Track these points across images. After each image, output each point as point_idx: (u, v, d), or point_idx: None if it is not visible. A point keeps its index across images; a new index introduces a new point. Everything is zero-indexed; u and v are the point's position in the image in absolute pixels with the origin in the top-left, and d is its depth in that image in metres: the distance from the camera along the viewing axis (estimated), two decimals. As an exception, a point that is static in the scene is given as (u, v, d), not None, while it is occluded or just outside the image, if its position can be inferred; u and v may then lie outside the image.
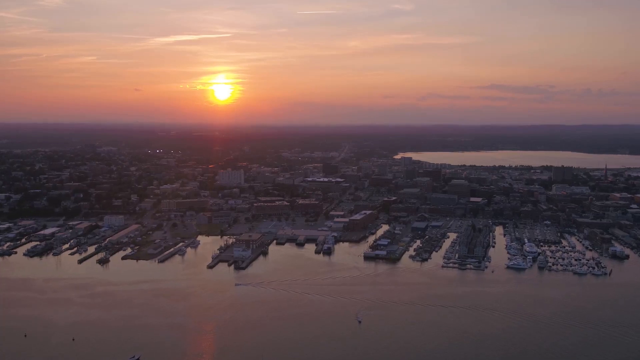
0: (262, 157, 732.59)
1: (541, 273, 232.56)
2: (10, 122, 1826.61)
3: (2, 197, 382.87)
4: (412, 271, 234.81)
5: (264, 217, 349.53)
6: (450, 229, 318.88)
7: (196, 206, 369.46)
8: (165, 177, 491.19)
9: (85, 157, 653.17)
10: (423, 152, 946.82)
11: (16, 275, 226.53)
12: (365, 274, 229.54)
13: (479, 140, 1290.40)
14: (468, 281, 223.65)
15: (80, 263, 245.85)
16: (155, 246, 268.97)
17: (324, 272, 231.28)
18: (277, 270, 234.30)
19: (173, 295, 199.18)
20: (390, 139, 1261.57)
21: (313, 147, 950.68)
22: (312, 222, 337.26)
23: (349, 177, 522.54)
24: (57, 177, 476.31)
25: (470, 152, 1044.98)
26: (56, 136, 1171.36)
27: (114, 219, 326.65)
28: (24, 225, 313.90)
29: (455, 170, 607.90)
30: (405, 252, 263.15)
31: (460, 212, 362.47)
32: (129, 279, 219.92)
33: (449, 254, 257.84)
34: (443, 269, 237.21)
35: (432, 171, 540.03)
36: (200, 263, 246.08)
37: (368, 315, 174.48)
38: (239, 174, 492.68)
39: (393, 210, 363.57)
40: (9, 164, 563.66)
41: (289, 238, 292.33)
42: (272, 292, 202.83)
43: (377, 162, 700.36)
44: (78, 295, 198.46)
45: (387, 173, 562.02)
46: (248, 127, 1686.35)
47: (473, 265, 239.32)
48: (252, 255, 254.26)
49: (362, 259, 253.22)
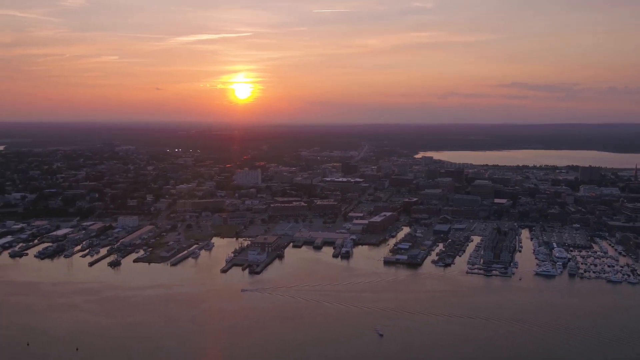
0: (281, 157, 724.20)
1: (572, 281, 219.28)
2: (32, 122, 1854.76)
3: (17, 197, 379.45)
4: (434, 277, 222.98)
5: (280, 218, 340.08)
6: (474, 231, 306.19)
7: (212, 206, 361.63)
8: (181, 177, 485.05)
9: (103, 156, 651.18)
10: (444, 152, 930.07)
11: (24, 278, 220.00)
12: (385, 280, 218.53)
13: (500, 139, 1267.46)
14: (494, 289, 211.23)
15: (90, 266, 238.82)
16: (169, 248, 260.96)
17: (342, 277, 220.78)
18: (292, 275, 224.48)
19: (183, 302, 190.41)
20: (410, 137, 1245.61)
21: (332, 146, 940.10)
22: (330, 224, 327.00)
23: (369, 177, 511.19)
24: (73, 176, 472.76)
25: (492, 151, 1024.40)
26: (77, 135, 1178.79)
27: (128, 219, 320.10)
28: (38, 225, 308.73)
29: (478, 170, 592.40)
30: (427, 257, 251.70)
31: (484, 214, 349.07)
32: (139, 284, 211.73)
33: (474, 258, 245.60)
34: (467, 275, 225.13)
35: (454, 171, 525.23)
36: (213, 267, 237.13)
37: (388, 327, 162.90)
38: (256, 174, 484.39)
39: (414, 212, 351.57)
40: (28, 162, 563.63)
41: (306, 240, 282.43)
42: (282, 299, 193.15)
43: (397, 161, 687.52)
44: (85, 301, 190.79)
45: (407, 173, 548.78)
46: (267, 126, 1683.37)
47: (499, 271, 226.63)
48: (267, 259, 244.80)
49: (381, 264, 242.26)
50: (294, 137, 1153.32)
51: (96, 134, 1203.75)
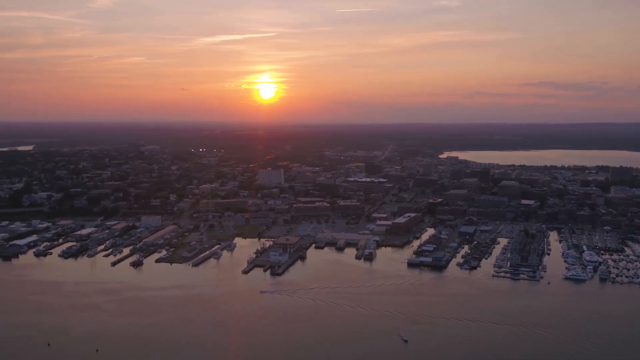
0: (304, 156, 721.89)
1: (603, 285, 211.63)
2: (60, 122, 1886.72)
3: (43, 196, 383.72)
4: (459, 281, 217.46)
5: (303, 219, 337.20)
6: (501, 233, 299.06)
7: (234, 206, 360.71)
8: (205, 177, 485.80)
9: (128, 156, 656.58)
10: (469, 151, 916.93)
11: (48, 277, 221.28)
12: (409, 283, 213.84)
13: (527, 139, 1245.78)
14: (522, 293, 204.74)
15: (113, 266, 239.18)
16: (191, 249, 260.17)
17: (364, 280, 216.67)
18: (313, 276, 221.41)
19: (203, 303, 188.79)
20: (435, 137, 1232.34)
21: (356, 146, 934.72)
22: (353, 225, 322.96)
23: (393, 177, 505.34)
24: (98, 176, 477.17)
25: (518, 151, 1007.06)
26: (103, 135, 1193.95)
27: (151, 219, 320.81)
28: (63, 225, 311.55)
29: (504, 170, 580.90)
30: (452, 259, 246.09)
31: (511, 215, 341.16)
32: (160, 284, 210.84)
33: (500, 261, 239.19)
34: (494, 279, 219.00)
35: (480, 171, 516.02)
36: (235, 268, 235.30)
37: (412, 332, 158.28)
38: (279, 174, 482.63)
39: (439, 213, 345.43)
40: (55, 162, 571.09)
41: (328, 242, 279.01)
42: (301, 301, 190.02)
43: (422, 161, 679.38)
44: (106, 301, 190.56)
45: (432, 173, 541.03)
46: (291, 125, 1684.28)
47: (527, 275, 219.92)
48: (289, 260, 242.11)
49: (405, 266, 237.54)
50: (317, 137, 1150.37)
51: (122, 134, 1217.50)
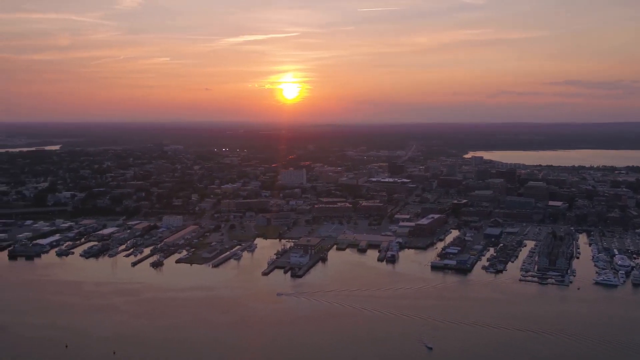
0: (326, 156, 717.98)
1: (636, 291, 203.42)
2: (87, 122, 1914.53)
3: (67, 196, 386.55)
4: (485, 284, 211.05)
5: (324, 220, 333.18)
6: (528, 236, 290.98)
7: (256, 207, 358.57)
8: (227, 177, 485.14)
9: (152, 155, 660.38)
10: (494, 151, 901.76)
11: (68, 277, 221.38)
12: (432, 286, 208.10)
13: (553, 138, 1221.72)
14: (550, 299, 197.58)
15: (133, 266, 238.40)
16: (211, 249, 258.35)
17: (386, 282, 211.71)
18: (334, 279, 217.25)
19: (221, 305, 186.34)
20: (459, 137, 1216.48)
21: (379, 146, 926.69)
22: (375, 226, 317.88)
23: (416, 177, 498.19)
24: (121, 175, 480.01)
25: (545, 151, 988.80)
26: (128, 135, 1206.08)
27: (173, 219, 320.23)
28: (85, 224, 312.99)
29: (531, 170, 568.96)
30: (477, 262, 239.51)
31: (538, 217, 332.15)
32: (180, 285, 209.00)
33: (527, 265, 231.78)
34: (520, 283, 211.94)
35: (506, 172, 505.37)
36: (255, 269, 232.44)
37: (437, 339, 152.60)
38: (301, 174, 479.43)
39: (463, 214, 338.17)
40: (79, 162, 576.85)
41: (350, 243, 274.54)
42: (319, 304, 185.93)
43: (446, 161, 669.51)
44: (125, 302, 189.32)
45: (456, 173, 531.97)
46: (314, 125, 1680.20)
47: (555, 279, 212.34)
48: (310, 261, 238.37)
49: (429, 269, 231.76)
50: (340, 137, 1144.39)
51: (147, 134, 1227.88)
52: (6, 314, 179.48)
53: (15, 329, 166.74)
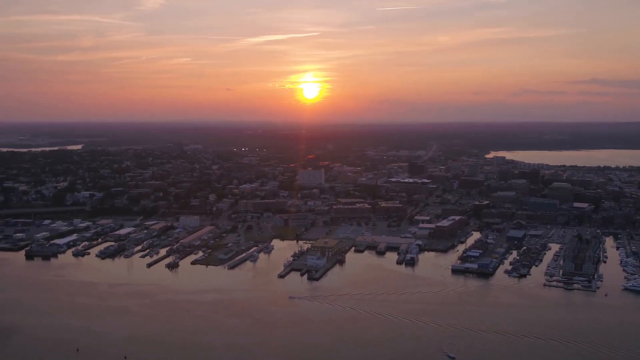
0: (345, 156, 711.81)
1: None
2: (109, 122, 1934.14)
3: (85, 195, 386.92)
4: (508, 289, 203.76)
5: (343, 221, 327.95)
6: (552, 239, 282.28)
7: (273, 207, 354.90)
8: (245, 176, 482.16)
9: (171, 155, 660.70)
10: (516, 151, 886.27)
11: (83, 278, 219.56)
12: (453, 291, 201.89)
13: (577, 138, 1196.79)
14: (577, 305, 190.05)
15: (149, 267, 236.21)
16: (227, 250, 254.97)
17: (404, 286, 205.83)
18: (351, 282, 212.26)
19: (235, 308, 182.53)
20: (480, 136, 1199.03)
21: (399, 146, 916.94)
22: (394, 227, 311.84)
23: (437, 177, 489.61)
24: (140, 175, 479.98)
25: (568, 151, 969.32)
26: (149, 135, 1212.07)
27: (190, 219, 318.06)
28: (103, 224, 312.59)
29: (555, 171, 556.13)
30: (500, 266, 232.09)
31: (563, 219, 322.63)
32: (194, 287, 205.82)
33: (552, 269, 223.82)
34: (545, 288, 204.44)
35: (529, 172, 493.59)
36: (271, 271, 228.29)
37: (458, 348, 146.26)
38: (320, 174, 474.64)
39: (485, 216, 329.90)
40: (99, 161, 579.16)
41: (368, 245, 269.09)
42: (332, 308, 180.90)
43: (467, 161, 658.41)
44: (138, 305, 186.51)
45: (478, 174, 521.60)
46: (334, 125, 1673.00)
47: (581, 284, 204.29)
48: (327, 264, 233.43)
49: (449, 273, 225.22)
50: (360, 136, 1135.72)
51: (168, 134, 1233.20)
52: (19, 314, 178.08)
53: (27, 329, 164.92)
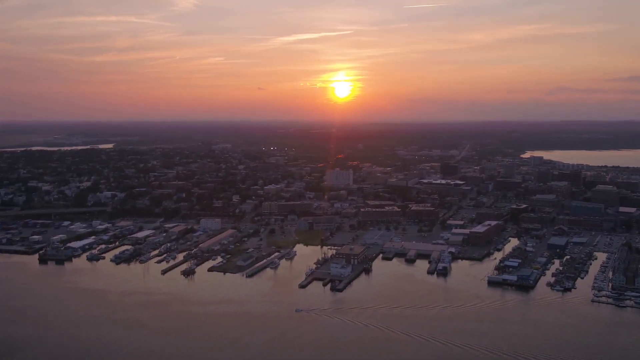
0: (376, 156, 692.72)
1: None
2: (143, 121, 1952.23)
3: (107, 196, 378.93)
4: (551, 305, 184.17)
5: (370, 225, 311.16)
6: (598, 247, 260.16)
7: (298, 209, 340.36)
8: (271, 177, 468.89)
9: (199, 154, 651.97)
10: (554, 151, 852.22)
11: (94, 285, 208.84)
12: (489, 306, 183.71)
13: (618, 137, 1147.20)
14: (629, 325, 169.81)
15: (163, 274, 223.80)
16: (246, 257, 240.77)
17: (435, 300, 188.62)
18: (377, 294, 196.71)
19: (251, 322, 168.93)
20: (515, 136, 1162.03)
21: (431, 145, 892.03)
22: (425, 233, 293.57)
23: (470, 179, 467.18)
24: (164, 175, 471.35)
25: (609, 150, 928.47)
26: (181, 133, 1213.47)
27: (211, 222, 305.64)
28: (122, 226, 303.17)
29: (597, 172, 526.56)
30: (541, 277, 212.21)
31: (609, 225, 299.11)
32: (209, 298, 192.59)
33: (600, 282, 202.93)
34: (593, 305, 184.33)
35: (570, 173, 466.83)
36: (292, 280, 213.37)
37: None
38: (348, 174, 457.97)
39: (523, 221, 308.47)
40: (126, 160, 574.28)
41: (397, 252, 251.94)
42: (354, 327, 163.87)
43: (502, 161, 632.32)
44: (149, 316, 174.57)
45: (514, 175, 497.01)
46: (366, 124, 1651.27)
47: (635, 301, 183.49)
48: (352, 273, 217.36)
49: (485, 284, 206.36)
50: (391, 136, 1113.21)
51: (199, 133, 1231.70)
52: (25, 326, 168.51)
53: (32, 343, 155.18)
